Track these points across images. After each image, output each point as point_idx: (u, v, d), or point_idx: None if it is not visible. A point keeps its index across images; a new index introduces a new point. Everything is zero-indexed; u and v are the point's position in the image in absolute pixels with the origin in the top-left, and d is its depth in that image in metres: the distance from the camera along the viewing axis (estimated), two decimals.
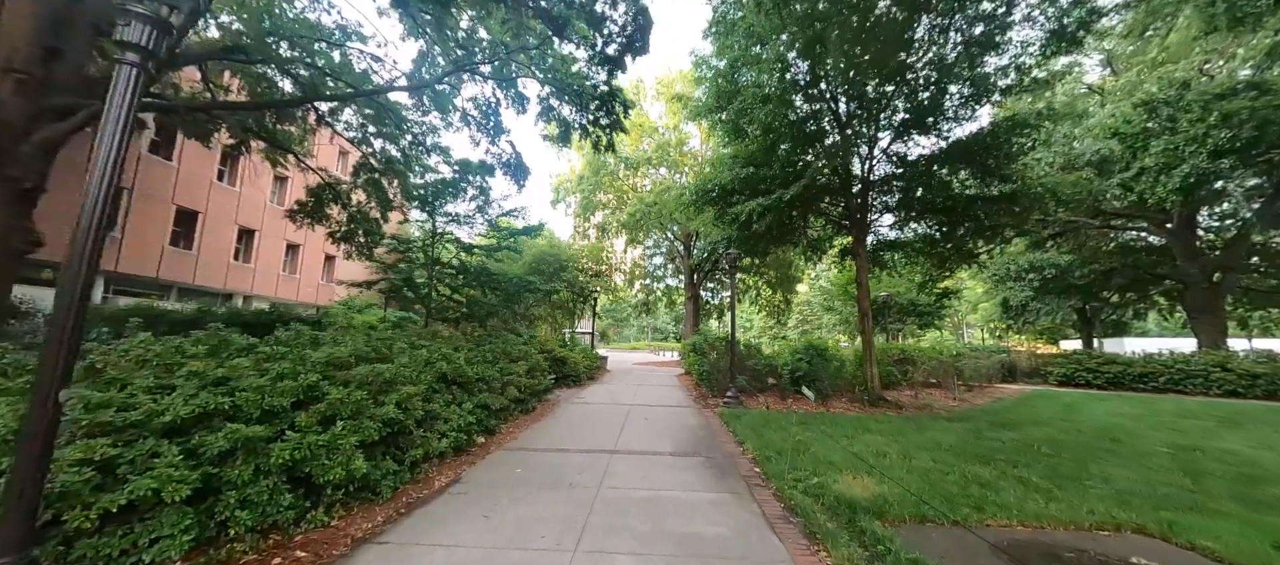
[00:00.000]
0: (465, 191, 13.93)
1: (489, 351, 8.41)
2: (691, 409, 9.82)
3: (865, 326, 12.28)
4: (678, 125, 23.79)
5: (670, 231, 29.05)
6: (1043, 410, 11.63)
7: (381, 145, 14.60)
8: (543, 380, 9.76)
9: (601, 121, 13.57)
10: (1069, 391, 16.53)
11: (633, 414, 9.00)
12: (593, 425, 7.84)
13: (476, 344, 8.72)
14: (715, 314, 35.00)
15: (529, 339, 12.67)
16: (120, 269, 16.94)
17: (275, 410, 3.35)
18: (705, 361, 12.31)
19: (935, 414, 10.67)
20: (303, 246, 25.33)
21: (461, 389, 6.12)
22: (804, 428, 7.73)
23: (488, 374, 6.99)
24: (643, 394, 12.00)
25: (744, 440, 6.78)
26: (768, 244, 13.98)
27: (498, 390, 7.23)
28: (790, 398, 11.36)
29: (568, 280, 16.77)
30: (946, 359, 15.78)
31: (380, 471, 3.81)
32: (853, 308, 31.10)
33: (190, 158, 18.87)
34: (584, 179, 25.20)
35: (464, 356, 6.62)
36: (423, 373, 5.23)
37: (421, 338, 7.85)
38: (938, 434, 7.83)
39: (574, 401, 10.53)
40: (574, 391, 12.41)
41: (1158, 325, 47.24)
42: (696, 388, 13.22)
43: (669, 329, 76.58)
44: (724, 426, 8.01)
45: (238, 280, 21.92)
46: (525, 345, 11.48)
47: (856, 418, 9.41)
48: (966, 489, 4.85)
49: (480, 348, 8.55)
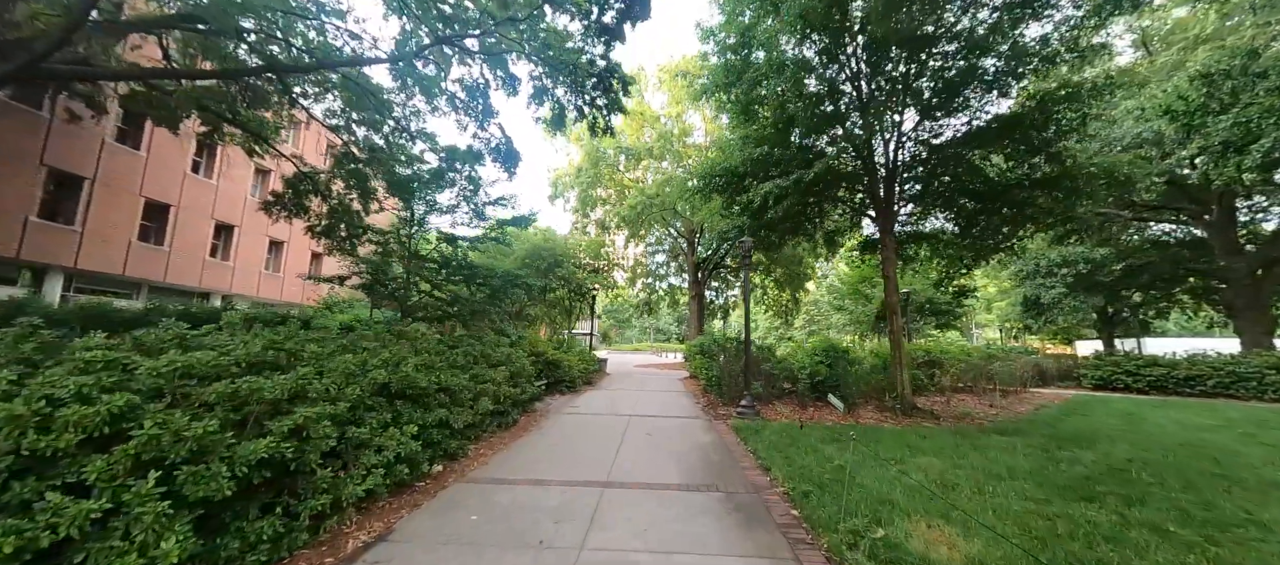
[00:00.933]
0: (454, 182, 12.60)
1: (462, 355, 7.09)
2: (701, 421, 8.48)
3: (894, 325, 10.92)
4: (681, 114, 22.47)
5: (673, 227, 27.73)
6: (1100, 421, 10.25)
7: (365, 133, 13.34)
8: (529, 388, 8.44)
9: (598, 102, 12.32)
10: (1112, 397, 15.11)
11: (632, 428, 7.66)
12: (583, 443, 6.51)
13: (450, 346, 7.40)
14: (720, 314, 33.67)
15: (516, 341, 11.36)
16: (81, 265, 15.70)
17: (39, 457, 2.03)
18: (714, 365, 10.97)
19: (980, 426, 9.31)
20: (287, 244, 24.08)
21: (413, 403, 4.79)
22: (839, 446, 6.38)
23: (454, 383, 5.67)
24: (644, 402, 10.67)
25: (770, 465, 5.44)
26: (782, 234, 12.64)
27: (467, 403, 5.92)
28: (812, 407, 10.01)
29: (563, 276, 15.46)
30: (977, 361, 14.39)
31: (238, 542, 2.49)
32: (864, 307, 29.70)
33: (161, 147, 17.63)
34: (582, 172, 23.87)
35: (417, 362, 5.30)
36: (348, 385, 3.91)
37: (374, 339, 6.54)
38: (1001, 455, 6.47)
39: (566, 411, 9.20)
40: (567, 399, 11.08)
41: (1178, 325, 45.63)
42: (704, 395, 11.88)
43: (671, 329, 75.23)
44: (742, 444, 6.67)
45: (215, 278, 20.67)
46: (511, 347, 10.17)
47: (894, 431, 8.05)
48: (1093, 548, 3.49)
49: (453, 351, 7.23)
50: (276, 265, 24.20)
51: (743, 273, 9.24)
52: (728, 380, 9.88)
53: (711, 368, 11.62)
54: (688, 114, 25.29)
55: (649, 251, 30.02)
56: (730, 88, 11.49)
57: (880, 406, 10.54)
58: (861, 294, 30.75)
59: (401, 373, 4.57)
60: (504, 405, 7.15)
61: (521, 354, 9.58)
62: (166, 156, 18.07)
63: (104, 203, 16.21)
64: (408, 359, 5.42)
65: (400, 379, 4.48)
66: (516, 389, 7.81)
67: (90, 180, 15.82)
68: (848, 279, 30.44)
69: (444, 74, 12.18)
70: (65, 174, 15.28)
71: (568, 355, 12.82)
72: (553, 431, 7.21)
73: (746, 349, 8.92)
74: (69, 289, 16.04)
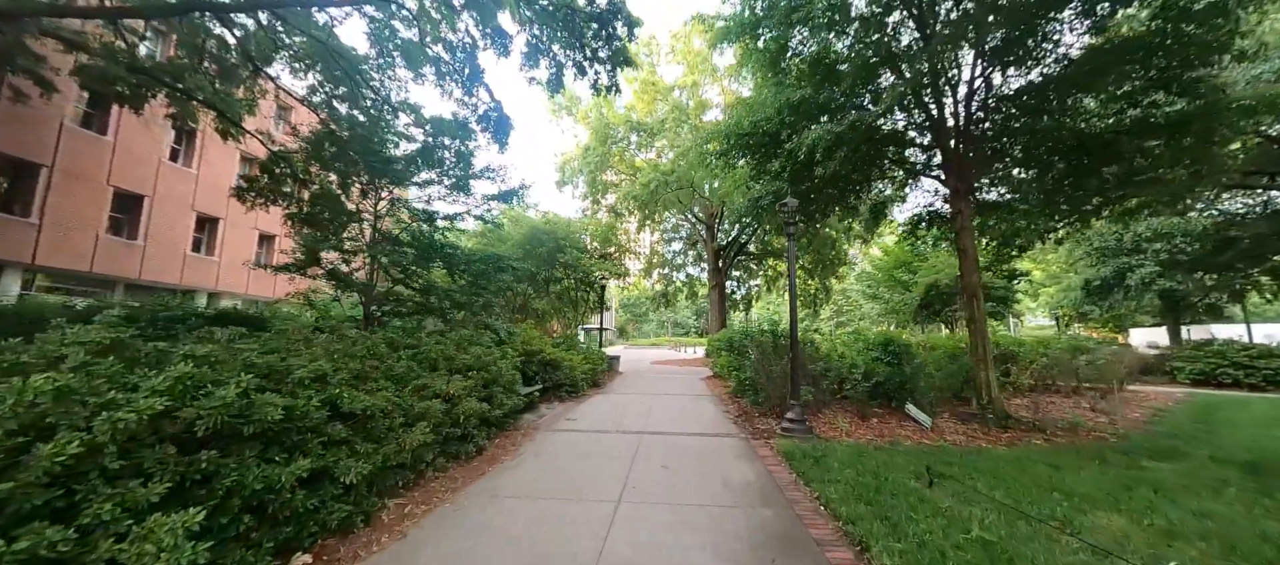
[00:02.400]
0: (442, 161, 10.63)
1: (406, 360, 5.14)
2: (736, 442, 6.39)
3: (975, 311, 8.63)
4: (696, 83, 20.23)
5: (691, 212, 25.55)
6: (1256, 430, 7.85)
7: (346, 109, 11.53)
8: (508, 400, 6.46)
9: (600, 53, 10.32)
10: (1232, 396, 12.51)
11: (643, 454, 5.62)
12: (568, 486, 4.49)
13: (393, 347, 5.47)
14: (743, 305, 31.39)
15: (505, 338, 9.41)
16: (41, 261, 14.31)
17: None
18: (746, 364, 8.83)
19: (1105, 442, 7.04)
20: (279, 237, 22.63)
21: (257, 448, 2.82)
22: (953, 488, 4.24)
23: (365, 404, 3.70)
24: (660, 411, 8.62)
25: (863, 535, 3.32)
26: (826, 202, 10.44)
27: (392, 430, 3.95)
28: (876, 418, 7.83)
29: (566, 262, 13.48)
30: (1059, 354, 11.95)
31: None
32: (903, 295, 27.07)
33: (131, 132, 16.15)
34: (590, 151, 21.81)
35: (308, 372, 3.36)
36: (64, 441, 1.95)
37: (288, 341, 4.63)
38: (1203, 500, 4.26)
39: (559, 426, 7.21)
40: (567, 407, 9.10)
41: (1254, 309, 41.62)
42: (733, 400, 9.77)
43: (690, 323, 73.04)
44: (803, 486, 4.56)
45: (198, 275, 19.28)
46: (498, 346, 8.23)
47: (1005, 457, 5.84)
48: None
49: (396, 353, 5.29)
50: (269, 259, 22.79)
51: (788, 241, 7.08)
52: (766, 384, 7.75)
53: (742, 367, 9.50)
54: (704, 88, 23.03)
55: (665, 238, 27.90)
56: (757, 30, 9.33)
57: (960, 414, 8.30)
58: (898, 281, 28.09)
59: (219, 401, 2.58)
60: (466, 427, 5.18)
61: (503, 355, 7.61)
62: (138, 143, 16.60)
63: (66, 193, 14.78)
64: (297, 367, 3.48)
65: (209, 412, 2.50)
66: (487, 403, 5.83)
67: (48, 168, 14.38)
68: (882, 265, 27.81)
69: (432, 35, 10.31)
70: (18, 161, 13.85)
71: (569, 354, 10.85)
72: (529, 464, 5.21)
73: (793, 344, 6.77)
74: (30, 287, 14.68)
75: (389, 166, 9.83)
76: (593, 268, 14.67)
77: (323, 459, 3.16)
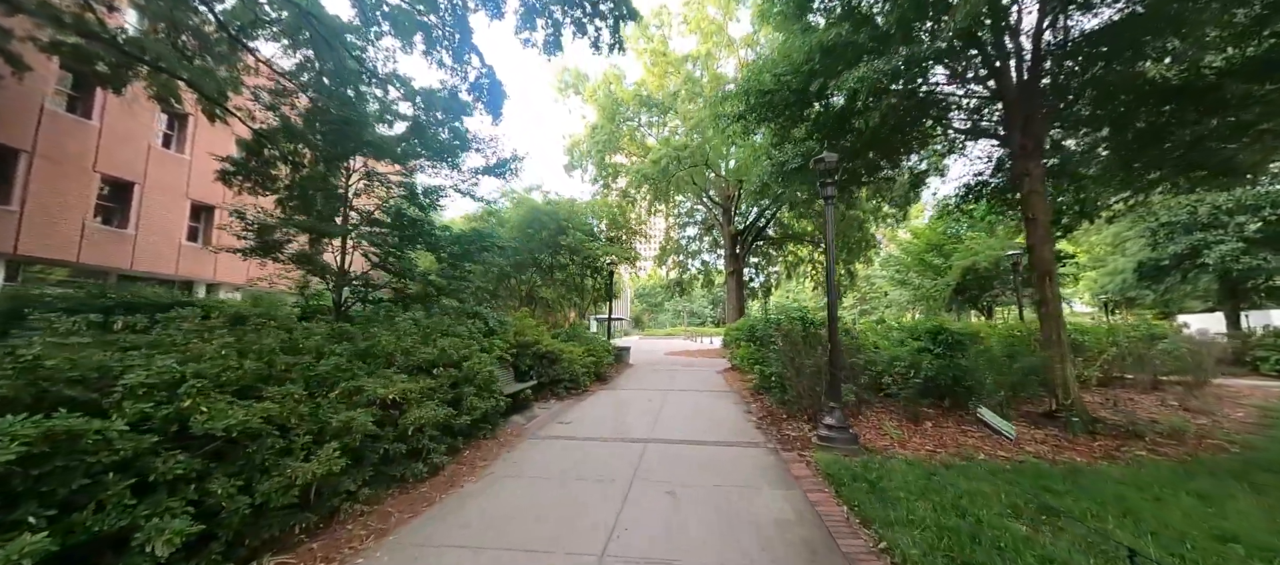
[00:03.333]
0: (437, 138, 9.49)
1: (353, 355, 4.02)
2: (762, 454, 5.16)
3: (1047, 293, 7.18)
4: (710, 53, 18.71)
5: (706, 195, 24.11)
6: None
7: (334, 86, 10.48)
8: (483, 402, 5.31)
9: (601, 6, 9.10)
10: None
11: (644, 472, 4.43)
12: (531, 535, 3.32)
13: (336, 338, 4.35)
14: (761, 293, 29.91)
15: (496, 327, 8.28)
16: (24, 250, 13.69)
17: None
18: (770, 356, 7.54)
19: (1224, 452, 5.61)
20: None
21: None
22: (1075, 533, 2.94)
23: (236, 423, 2.55)
24: (671, 411, 7.42)
25: None
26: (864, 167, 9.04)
27: (277, 464, 2.81)
28: (928, 421, 6.49)
29: (569, 245, 12.28)
30: (1134, 342, 10.37)
31: None
32: (931, 280, 25.28)
33: (118, 116, 15.42)
34: (598, 129, 20.49)
35: (145, 378, 2.24)
36: None
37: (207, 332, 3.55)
38: None
39: (548, 432, 6.06)
40: (563, 407, 7.96)
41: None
42: (755, 397, 8.51)
43: (706, 312, 71.64)
44: (856, 523, 3.31)
45: (195, 265, 18.64)
46: (482, 337, 7.12)
47: (1125, 475, 4.48)
48: None
49: (336, 347, 4.18)
50: None
51: (825, 209, 5.75)
52: (795, 380, 6.46)
53: (765, 360, 8.23)
54: (720, 62, 21.47)
55: (679, 223, 26.53)
56: None
57: (1027, 416, 6.89)
58: (928, 264, 26.27)
59: None
60: (417, 440, 4.05)
61: (490, 347, 6.49)
62: (126, 127, 15.87)
63: (48, 179, 14.10)
64: (130, 370, 2.37)
65: None
66: (453, 408, 4.69)
67: (29, 153, 13.70)
68: (913, 249, 26.04)
69: None
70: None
71: (570, 346, 9.70)
72: (494, 490, 4.04)
73: (831, 333, 5.46)
74: (16, 277, 14.10)
75: (381, 147, 8.75)
76: (597, 250, 13.44)
77: (130, 514, 2.02)
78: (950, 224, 26.91)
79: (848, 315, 38.34)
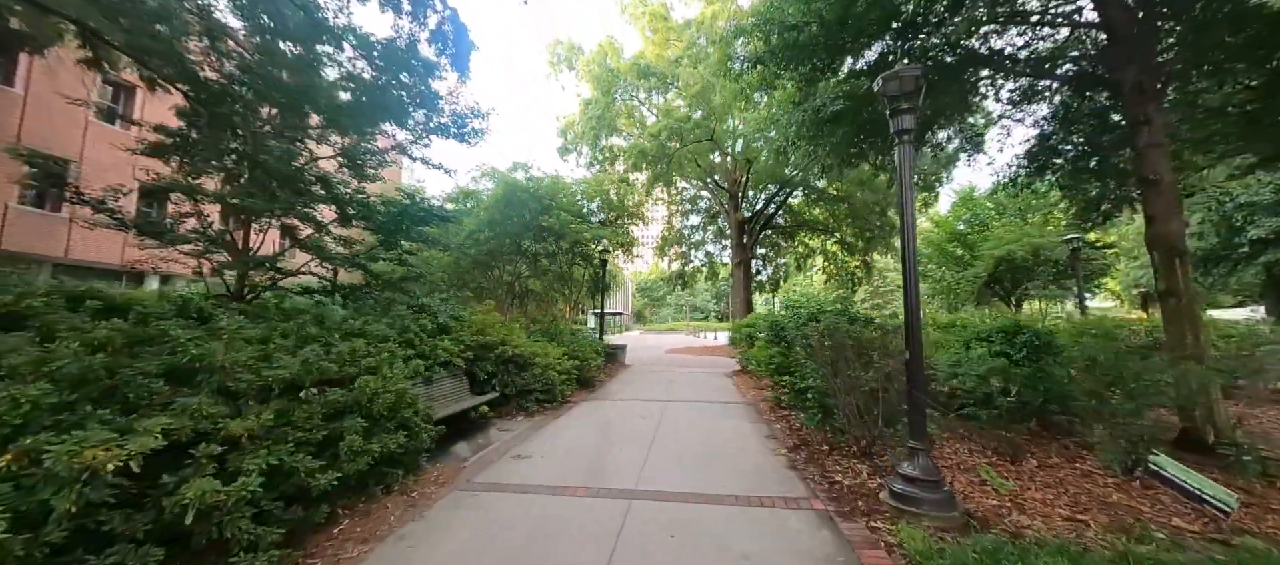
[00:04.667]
0: (399, 101, 7.57)
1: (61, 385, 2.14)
2: (808, 525, 3.34)
3: (1178, 282, 5.29)
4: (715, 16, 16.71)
5: (711, 179, 22.19)
6: None
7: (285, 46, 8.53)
8: (379, 443, 3.47)
9: None
10: None
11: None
12: None
13: (132, 343, 2.52)
14: (769, 287, 28.03)
15: (448, 323, 6.46)
16: None
17: None
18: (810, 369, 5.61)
19: None
20: None
21: None
22: None
23: None
24: (668, 439, 5.59)
25: None
26: (926, 113, 7.14)
27: None
28: (1032, 458, 4.63)
29: (552, 227, 10.40)
30: (1229, 345, 8.48)
31: None
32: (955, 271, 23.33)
33: (47, 84, 13.59)
34: (592, 103, 18.54)
35: None
36: None
37: None
38: None
39: (493, 476, 4.25)
40: (529, 428, 6.14)
41: None
42: (776, 413, 6.66)
43: (709, 306, 69.70)
44: None
45: (144, 254, 16.84)
46: (389, 343, 5.30)
47: None
48: None
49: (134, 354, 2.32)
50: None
51: (899, 152, 3.86)
52: (846, 400, 4.60)
53: (789, 368, 6.37)
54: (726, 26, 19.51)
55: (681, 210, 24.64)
56: None
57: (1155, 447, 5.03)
58: (951, 255, 24.31)
59: None
60: (195, 542, 2.20)
61: (404, 357, 4.67)
62: (56, 98, 14.00)
63: None
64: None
65: None
66: (314, 459, 2.86)
67: None
68: (934, 238, 24.09)
69: None
70: None
71: (546, 347, 7.87)
72: None
73: (911, 341, 3.61)
74: None
75: (343, 110, 6.86)
76: (586, 233, 11.56)
77: None
78: (977, 211, 24.98)
79: (862, 310, 36.42)
